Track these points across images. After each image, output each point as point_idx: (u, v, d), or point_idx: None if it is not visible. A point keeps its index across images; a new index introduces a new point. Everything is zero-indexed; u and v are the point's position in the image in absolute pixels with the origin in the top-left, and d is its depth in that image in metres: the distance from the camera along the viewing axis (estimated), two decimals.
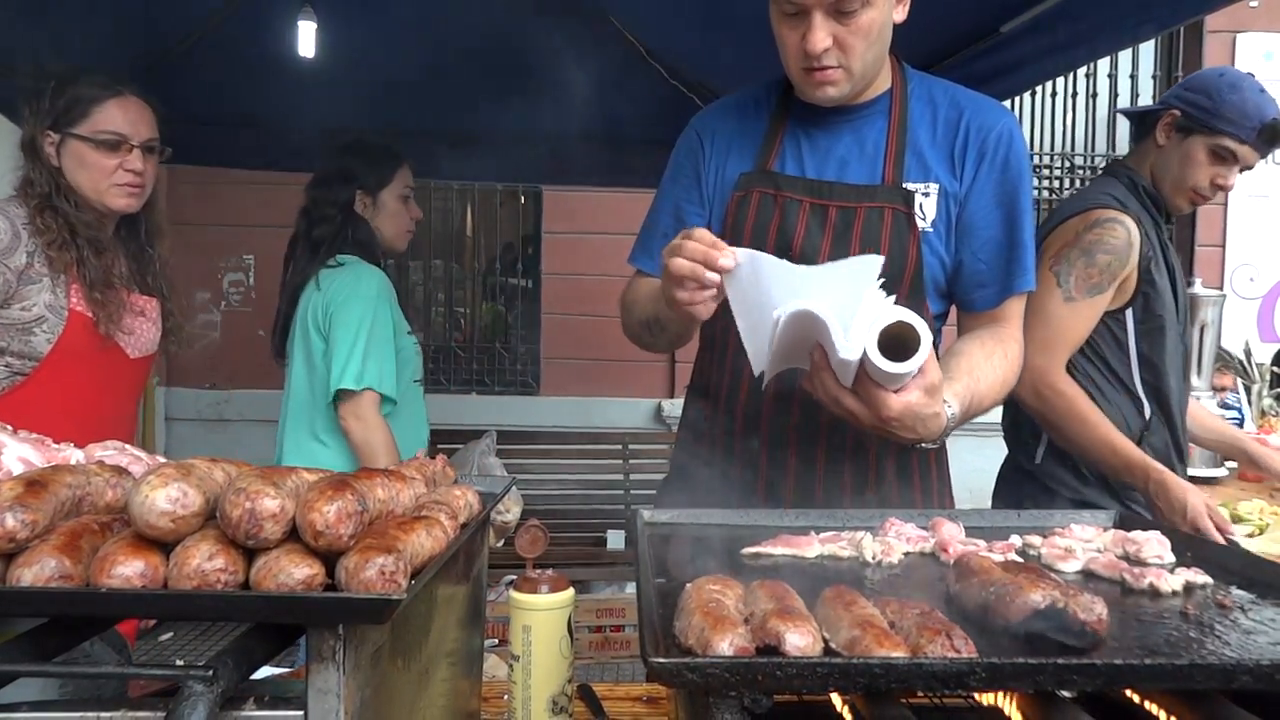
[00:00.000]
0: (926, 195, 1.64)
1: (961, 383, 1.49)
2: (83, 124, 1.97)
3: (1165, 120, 2.22)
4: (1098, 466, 2.18)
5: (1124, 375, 2.23)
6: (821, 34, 1.51)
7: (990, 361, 1.59)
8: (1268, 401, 3.66)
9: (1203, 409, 2.75)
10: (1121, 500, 2.19)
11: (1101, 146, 6.41)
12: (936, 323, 1.69)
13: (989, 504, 2.44)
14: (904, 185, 1.64)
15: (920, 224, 1.63)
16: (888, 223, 1.63)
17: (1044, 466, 2.27)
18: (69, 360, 1.96)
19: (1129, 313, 2.21)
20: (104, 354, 2.02)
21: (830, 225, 1.65)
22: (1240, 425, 3.96)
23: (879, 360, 1.22)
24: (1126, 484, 2.15)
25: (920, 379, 1.29)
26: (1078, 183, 6.43)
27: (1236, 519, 2.69)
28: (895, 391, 1.29)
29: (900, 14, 1.59)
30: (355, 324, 2.46)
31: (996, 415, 2.55)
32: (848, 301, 1.24)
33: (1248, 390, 3.95)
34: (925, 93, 1.70)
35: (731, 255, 1.34)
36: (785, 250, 1.65)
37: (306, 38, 2.98)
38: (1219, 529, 2.04)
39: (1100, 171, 2.49)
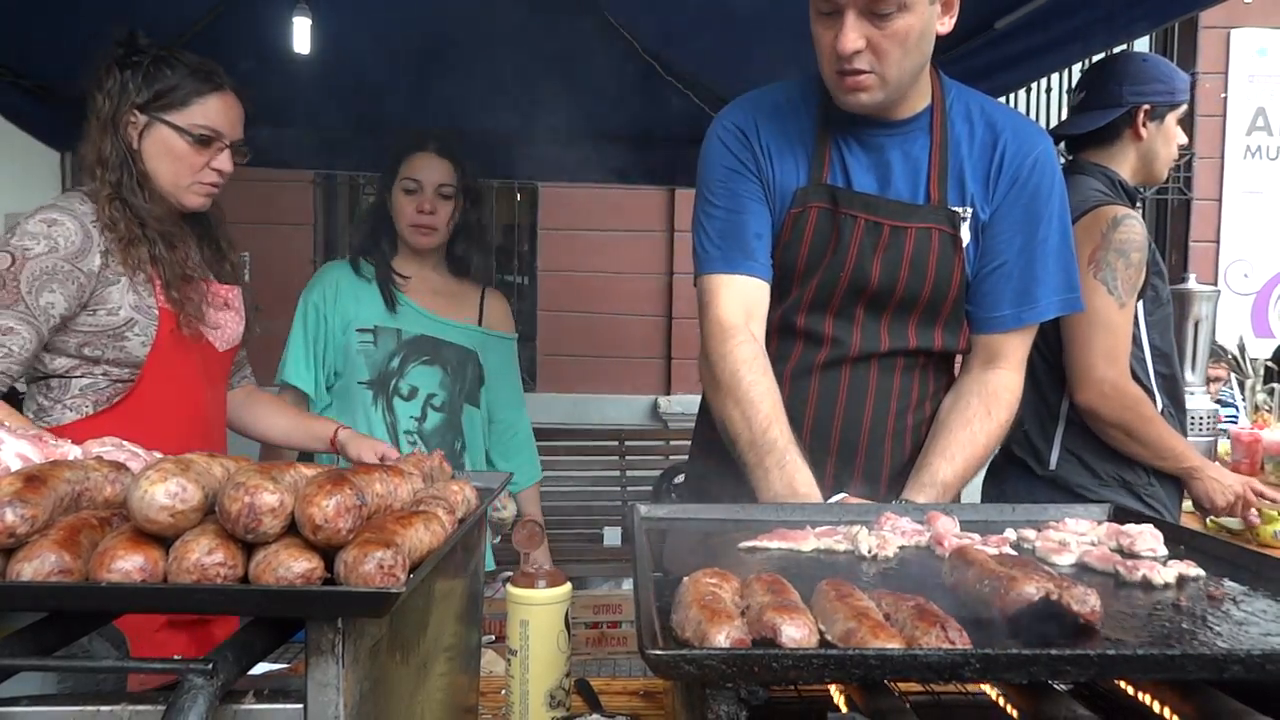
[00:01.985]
0: (964, 220, 1.63)
1: (920, 488, 1.58)
2: (179, 112, 1.81)
3: (1141, 117, 2.26)
4: (1153, 462, 2.21)
5: (1139, 370, 2.23)
6: (853, 35, 1.47)
7: (969, 430, 1.63)
8: (1261, 396, 3.67)
9: None
10: (1140, 498, 2.21)
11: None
12: (953, 345, 1.71)
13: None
14: (949, 207, 1.63)
15: (962, 243, 1.63)
16: (935, 245, 1.62)
17: (1059, 471, 2.25)
18: (170, 360, 1.84)
19: (1140, 305, 2.22)
20: (199, 350, 1.91)
21: (883, 244, 1.62)
22: (1235, 421, 3.98)
23: None
24: (1168, 472, 2.24)
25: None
26: None
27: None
28: None
29: (945, 24, 1.55)
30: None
31: None
32: None
33: (1241, 386, 3.97)
34: (964, 108, 1.67)
35: None
36: (838, 268, 1.63)
37: (301, 34, 2.98)
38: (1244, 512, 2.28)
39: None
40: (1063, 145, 2.38)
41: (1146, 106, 2.26)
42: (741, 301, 1.64)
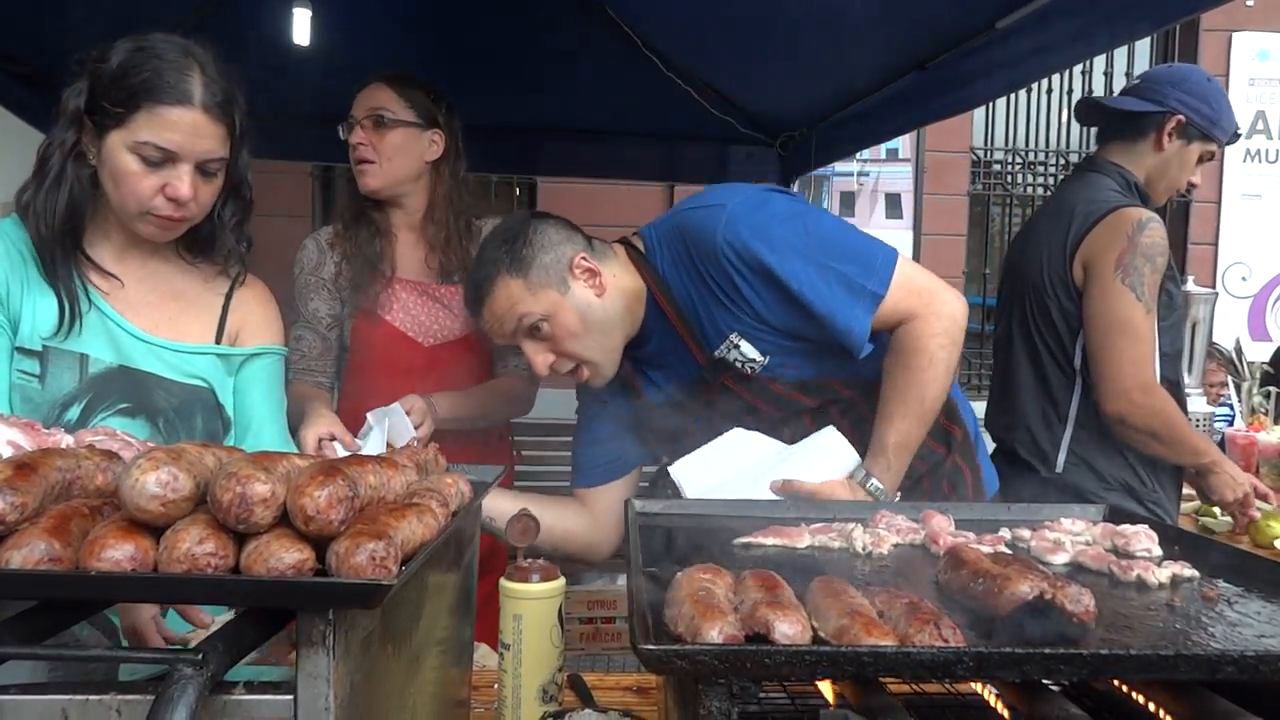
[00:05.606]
0: (737, 345, 1.66)
1: (874, 457, 1.61)
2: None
3: (1171, 125, 2.24)
4: (1175, 460, 2.22)
5: None
6: (539, 359, 1.68)
7: (893, 387, 1.63)
8: (1257, 399, 3.67)
9: None
10: (1142, 503, 2.21)
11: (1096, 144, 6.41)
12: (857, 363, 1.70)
13: None
14: (715, 358, 1.69)
15: (754, 370, 1.68)
16: (736, 389, 1.72)
17: (1066, 475, 2.25)
18: (361, 341, 2.29)
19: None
20: (387, 338, 2.26)
21: (698, 417, 1.75)
22: (1231, 423, 3.98)
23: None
24: (1188, 467, 2.25)
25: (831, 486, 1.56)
26: None
27: (1208, 513, 2.75)
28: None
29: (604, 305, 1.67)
30: None
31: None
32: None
33: (1238, 389, 3.96)
34: (669, 255, 1.69)
35: None
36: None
37: (301, 25, 2.97)
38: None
39: (1075, 169, 2.49)
40: (1092, 132, 2.40)
41: (1181, 118, 2.23)
42: None
